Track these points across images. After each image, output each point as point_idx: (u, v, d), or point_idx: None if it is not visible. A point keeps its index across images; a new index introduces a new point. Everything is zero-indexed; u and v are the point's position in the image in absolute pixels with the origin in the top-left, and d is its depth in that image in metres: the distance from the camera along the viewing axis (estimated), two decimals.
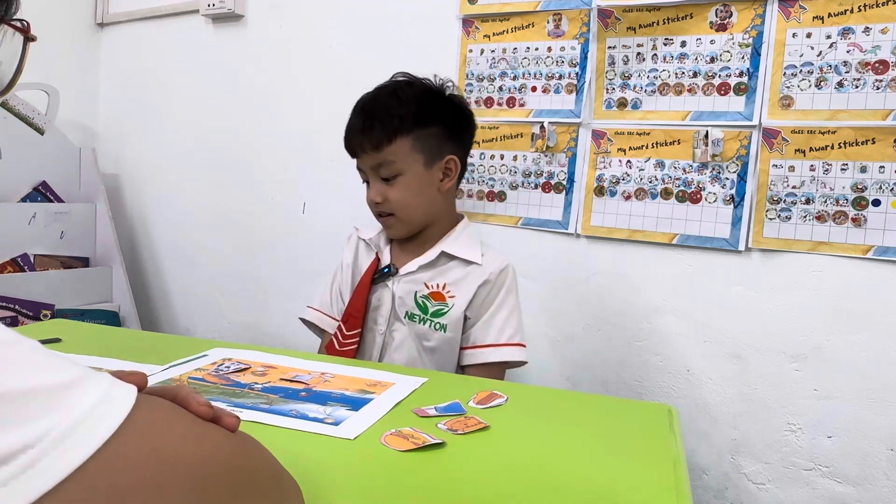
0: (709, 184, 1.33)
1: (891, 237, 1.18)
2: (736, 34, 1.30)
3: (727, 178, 1.31)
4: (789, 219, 1.26)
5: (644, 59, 1.39)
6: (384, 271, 1.15)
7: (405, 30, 1.64)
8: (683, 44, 1.35)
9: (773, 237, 1.28)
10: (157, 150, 2.11)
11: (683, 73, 1.35)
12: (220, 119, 1.96)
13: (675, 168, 1.36)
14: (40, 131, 1.85)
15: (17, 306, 1.68)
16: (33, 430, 0.29)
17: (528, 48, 1.50)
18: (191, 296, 2.08)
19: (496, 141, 1.55)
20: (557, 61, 1.47)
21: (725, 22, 1.31)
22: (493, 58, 1.54)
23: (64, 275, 1.83)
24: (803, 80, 1.24)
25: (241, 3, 1.89)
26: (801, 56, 1.24)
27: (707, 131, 1.31)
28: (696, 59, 1.34)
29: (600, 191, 1.44)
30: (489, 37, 1.54)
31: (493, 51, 1.54)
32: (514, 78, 1.52)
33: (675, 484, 0.59)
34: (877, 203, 1.19)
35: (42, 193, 1.87)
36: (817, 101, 1.23)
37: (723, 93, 1.32)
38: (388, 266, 1.15)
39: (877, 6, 1.18)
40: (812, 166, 1.24)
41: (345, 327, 1.15)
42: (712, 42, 1.32)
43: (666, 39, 1.36)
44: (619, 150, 1.41)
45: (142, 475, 0.32)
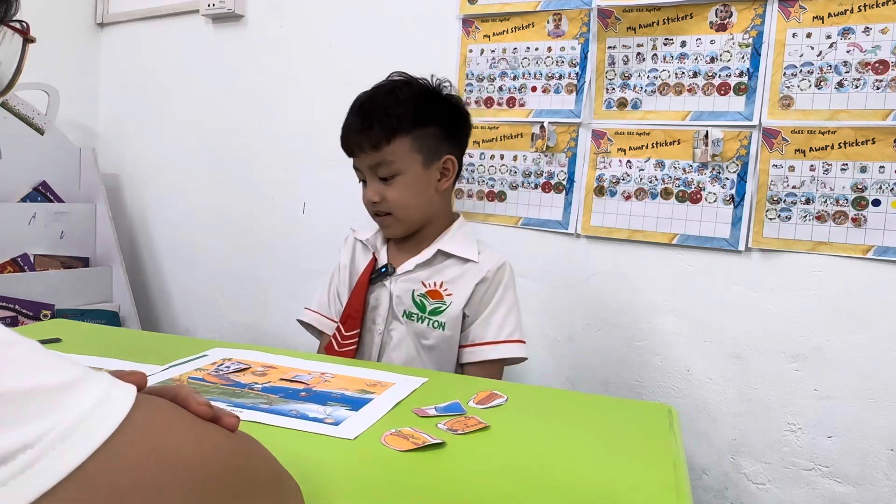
0: (709, 184, 1.33)
1: (891, 237, 1.18)
2: (736, 34, 1.30)
3: (727, 178, 1.31)
4: (789, 219, 1.26)
5: (644, 59, 1.38)
6: (381, 271, 1.15)
7: (405, 30, 1.64)
8: (683, 44, 1.35)
9: (773, 237, 1.28)
10: (157, 150, 2.11)
11: (683, 73, 1.35)
12: (220, 119, 1.96)
13: (675, 168, 1.36)
14: (40, 131, 1.85)
15: (17, 306, 1.68)
16: (33, 430, 0.29)
17: (528, 48, 1.50)
18: (191, 296, 2.08)
19: (496, 141, 1.55)
20: (557, 61, 1.47)
21: (725, 22, 1.31)
22: (493, 58, 1.54)
23: (64, 275, 1.83)
24: (803, 80, 1.24)
25: (241, 3, 1.89)
26: (801, 56, 1.24)
27: (707, 131, 1.31)
28: (696, 59, 1.34)
29: (600, 191, 1.43)
30: (489, 37, 1.54)
31: (493, 51, 1.54)
32: (514, 78, 1.52)
33: (675, 484, 0.59)
34: (877, 203, 1.19)
35: (42, 193, 1.87)
36: (817, 101, 1.23)
37: (723, 93, 1.32)
38: (386, 266, 1.15)
39: (877, 6, 1.18)
40: (812, 166, 1.24)
41: (343, 328, 1.15)
42: (712, 42, 1.32)
43: (666, 39, 1.36)
44: (619, 150, 1.41)
45: (141, 475, 0.32)
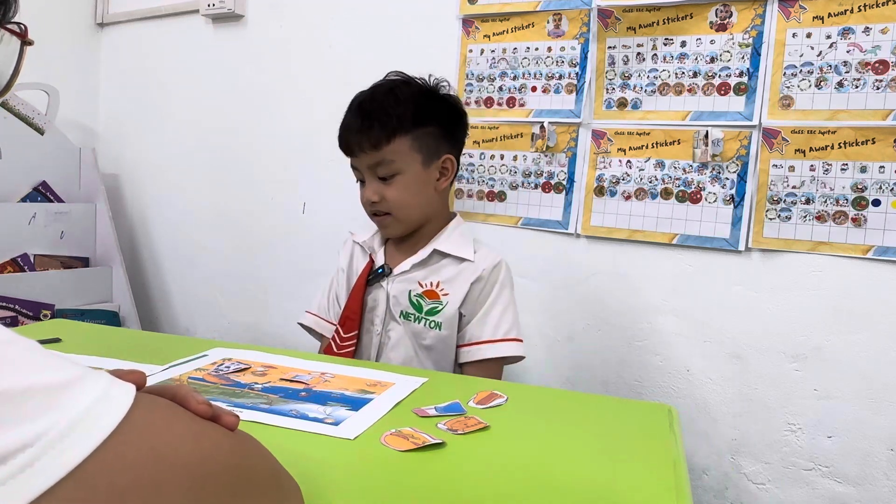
0: (709, 184, 1.33)
1: (891, 237, 1.18)
2: (736, 34, 1.30)
3: (727, 178, 1.31)
4: (789, 219, 1.26)
5: (644, 59, 1.38)
6: (378, 272, 1.15)
7: (405, 30, 1.64)
8: (683, 44, 1.35)
9: (773, 237, 1.28)
10: (157, 150, 2.11)
11: (683, 73, 1.35)
12: (220, 119, 1.96)
13: (675, 168, 1.36)
14: (40, 131, 1.85)
15: (17, 306, 1.68)
16: (32, 430, 0.29)
17: (528, 48, 1.50)
18: (191, 296, 2.08)
19: (496, 141, 1.54)
20: (557, 61, 1.47)
21: (725, 22, 1.31)
22: (493, 58, 1.54)
23: (64, 275, 1.83)
24: (803, 80, 1.24)
25: (241, 3, 1.89)
26: (801, 56, 1.24)
27: (707, 131, 1.31)
28: (696, 59, 1.34)
29: (600, 191, 1.43)
30: (489, 37, 1.54)
31: (493, 51, 1.54)
32: (514, 78, 1.52)
33: (675, 484, 0.59)
34: (877, 203, 1.19)
35: (42, 193, 1.87)
36: (817, 101, 1.23)
37: (723, 93, 1.32)
38: (383, 266, 1.15)
39: (877, 6, 1.18)
40: (812, 166, 1.24)
41: (342, 330, 1.15)
42: (712, 42, 1.32)
43: (666, 39, 1.36)
44: (619, 150, 1.41)
45: (140, 474, 0.32)
